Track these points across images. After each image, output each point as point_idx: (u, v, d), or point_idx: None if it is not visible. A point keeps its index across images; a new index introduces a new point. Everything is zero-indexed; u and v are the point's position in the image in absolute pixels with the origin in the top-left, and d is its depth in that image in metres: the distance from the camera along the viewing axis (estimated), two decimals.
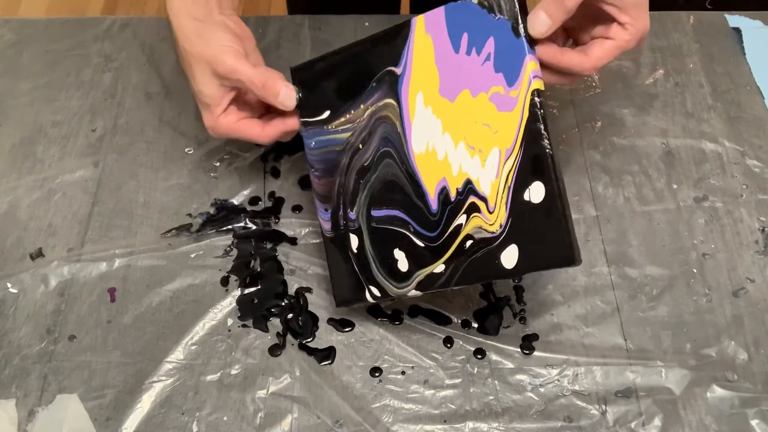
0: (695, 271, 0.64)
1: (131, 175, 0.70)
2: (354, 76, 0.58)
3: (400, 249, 0.55)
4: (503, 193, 0.51)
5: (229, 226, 0.66)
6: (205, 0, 0.58)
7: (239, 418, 0.57)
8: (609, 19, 0.53)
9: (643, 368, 0.59)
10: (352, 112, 0.58)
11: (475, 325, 0.61)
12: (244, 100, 0.60)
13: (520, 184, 0.50)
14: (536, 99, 0.50)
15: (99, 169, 0.71)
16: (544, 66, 0.52)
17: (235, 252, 0.65)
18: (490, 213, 0.51)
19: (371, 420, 0.56)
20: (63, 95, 0.76)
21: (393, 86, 0.56)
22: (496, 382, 0.58)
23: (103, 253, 0.65)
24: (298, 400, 0.57)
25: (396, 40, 0.56)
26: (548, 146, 0.50)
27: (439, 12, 0.54)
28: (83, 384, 0.58)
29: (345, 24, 0.82)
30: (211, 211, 0.68)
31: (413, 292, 0.55)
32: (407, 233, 0.55)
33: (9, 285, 0.63)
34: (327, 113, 0.59)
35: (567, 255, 0.49)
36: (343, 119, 0.58)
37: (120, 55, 0.80)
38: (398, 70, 0.56)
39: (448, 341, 0.60)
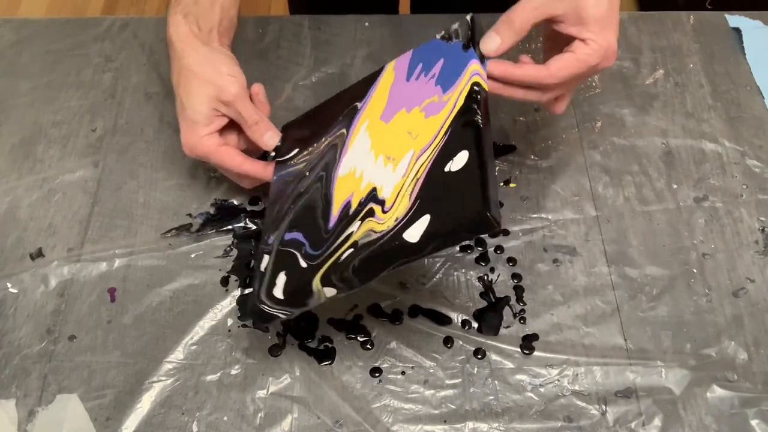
0: (695, 271, 0.64)
1: (131, 175, 0.70)
2: (328, 116, 0.62)
3: (284, 273, 0.54)
4: (409, 186, 0.50)
5: (229, 226, 0.66)
6: (209, 29, 0.61)
7: (239, 418, 0.57)
8: (573, 39, 0.54)
9: (643, 368, 0.59)
10: (315, 145, 0.61)
11: (475, 325, 0.61)
12: (225, 134, 0.62)
13: (444, 158, 0.50)
14: (474, 87, 0.51)
15: (99, 169, 0.71)
16: (502, 81, 0.54)
17: (235, 252, 0.65)
18: (384, 213, 0.50)
19: (371, 420, 0.56)
20: (63, 95, 0.76)
21: (351, 118, 0.60)
22: (496, 382, 0.58)
23: (103, 253, 0.65)
24: (298, 400, 0.57)
25: (369, 81, 0.61)
26: (479, 121, 0.50)
27: (408, 53, 0.60)
28: (83, 384, 0.58)
29: (345, 24, 0.82)
30: (211, 211, 0.68)
31: (282, 314, 0.54)
32: (298, 255, 0.54)
33: (9, 285, 0.63)
34: (296, 151, 0.62)
35: (481, 212, 0.46)
36: (305, 153, 0.61)
37: (120, 55, 0.80)
38: (360, 104, 0.60)
39: (448, 341, 0.60)
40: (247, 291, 0.63)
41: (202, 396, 0.58)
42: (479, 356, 0.59)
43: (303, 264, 0.53)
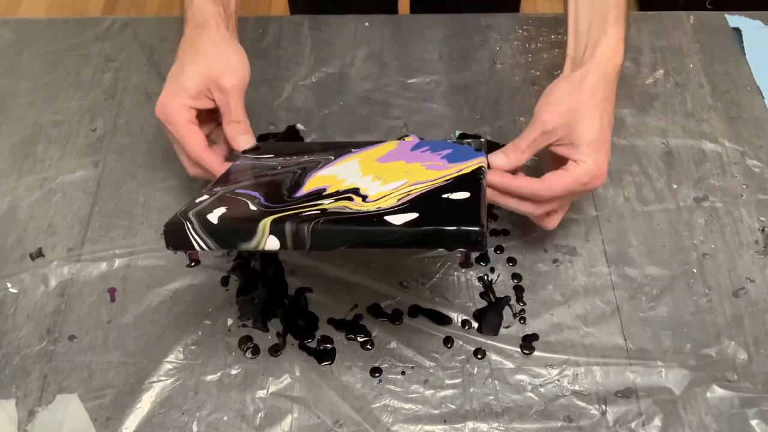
0: (695, 271, 0.64)
1: (131, 175, 0.70)
2: (314, 147, 0.63)
3: (226, 208, 0.50)
4: (400, 194, 0.50)
5: None
6: (230, 15, 0.62)
7: (239, 418, 0.57)
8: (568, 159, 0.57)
9: (643, 368, 0.59)
10: (293, 158, 0.60)
11: (475, 325, 0.61)
12: (202, 120, 0.61)
13: (443, 190, 0.51)
14: (482, 167, 0.55)
15: (99, 169, 0.71)
16: (500, 190, 0.57)
17: (235, 252, 0.65)
18: (364, 202, 0.50)
19: (371, 420, 0.56)
20: (63, 95, 0.76)
21: (341, 154, 0.60)
22: (496, 382, 0.58)
23: (103, 253, 0.65)
24: (298, 400, 0.57)
25: (367, 144, 0.62)
26: (482, 181, 0.53)
27: (413, 140, 0.62)
28: (83, 384, 0.58)
29: (345, 24, 0.82)
30: None
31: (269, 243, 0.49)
32: (248, 202, 0.51)
33: (9, 285, 0.63)
34: (271, 155, 0.61)
35: (478, 225, 0.46)
36: (281, 158, 0.60)
37: (120, 55, 0.80)
38: (354, 150, 0.60)
39: (448, 341, 0.60)
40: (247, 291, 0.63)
41: (202, 396, 0.58)
42: (479, 356, 0.59)
43: (252, 207, 0.50)
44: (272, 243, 0.48)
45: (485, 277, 0.63)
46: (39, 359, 0.59)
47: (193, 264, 0.53)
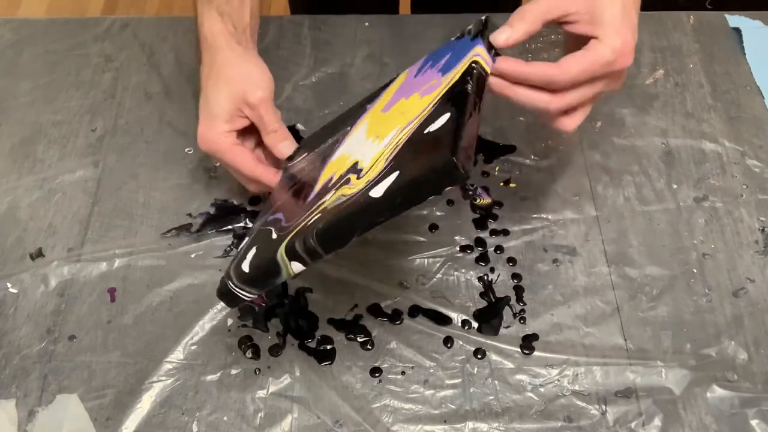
0: (695, 271, 0.64)
1: (131, 175, 0.70)
2: (339, 123, 0.62)
3: (256, 247, 0.52)
4: (388, 152, 0.48)
5: (229, 226, 0.66)
6: (243, 29, 0.61)
7: (239, 418, 0.57)
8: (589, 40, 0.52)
9: (643, 368, 0.59)
10: (321, 147, 0.60)
11: (475, 325, 0.61)
12: (243, 137, 0.62)
13: (427, 122, 0.48)
14: (473, 64, 0.49)
15: (99, 169, 0.71)
16: (511, 79, 0.51)
17: (235, 252, 0.65)
18: (359, 179, 0.48)
19: (371, 420, 0.56)
20: (63, 95, 0.76)
21: (356, 117, 0.59)
22: (496, 382, 0.58)
23: (103, 253, 0.65)
24: (298, 400, 0.57)
25: (383, 87, 0.61)
26: (469, 89, 0.48)
27: (422, 58, 0.60)
28: (83, 384, 0.58)
29: (345, 24, 0.82)
30: (211, 211, 0.68)
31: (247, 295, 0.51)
32: (272, 229, 0.52)
33: (9, 285, 0.63)
34: (304, 155, 0.62)
35: (446, 157, 0.43)
36: (311, 153, 0.61)
37: (120, 55, 0.80)
38: (369, 106, 0.60)
39: (448, 341, 0.60)
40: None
41: (202, 396, 0.58)
42: (479, 356, 0.59)
43: (274, 236, 0.51)
44: (297, 267, 0.49)
45: (485, 277, 0.63)
46: (39, 359, 0.59)
47: (263, 305, 0.57)
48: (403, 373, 0.59)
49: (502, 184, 0.69)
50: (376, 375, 0.58)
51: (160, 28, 0.82)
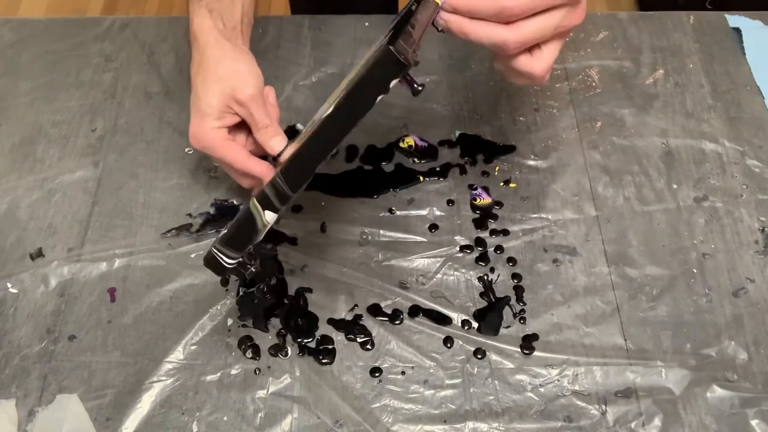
0: (695, 271, 0.64)
1: (131, 175, 0.70)
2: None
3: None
4: (339, 91, 0.50)
5: None
6: (233, 26, 0.62)
7: (239, 418, 0.57)
8: None
9: (643, 368, 0.59)
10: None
11: (475, 325, 0.61)
12: (234, 133, 0.62)
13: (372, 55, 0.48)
14: None
15: (99, 169, 0.71)
16: (467, 16, 0.49)
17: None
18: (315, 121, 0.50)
19: (371, 420, 0.56)
20: (63, 95, 0.76)
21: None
22: (496, 382, 0.58)
23: (103, 253, 0.65)
24: (298, 400, 0.57)
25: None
26: (413, 6, 0.48)
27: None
28: (83, 384, 0.58)
29: (345, 24, 0.82)
30: (211, 211, 0.68)
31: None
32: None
33: (9, 285, 0.63)
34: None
35: (384, 48, 0.43)
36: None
37: (120, 55, 0.80)
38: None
39: (448, 341, 0.60)
40: (247, 291, 0.63)
41: (202, 396, 0.58)
42: (479, 356, 0.59)
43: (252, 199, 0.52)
44: (270, 216, 0.50)
45: (485, 277, 0.63)
46: (39, 359, 0.59)
47: (253, 269, 0.55)
48: (403, 373, 0.59)
49: (502, 184, 0.69)
50: (376, 375, 0.58)
51: (160, 28, 0.82)
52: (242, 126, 0.62)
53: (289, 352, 0.60)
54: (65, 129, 0.73)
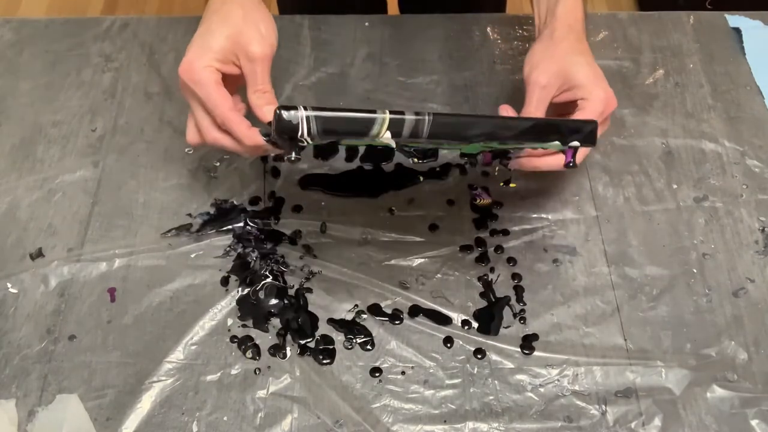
0: (695, 271, 0.64)
1: (131, 175, 0.70)
2: None
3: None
4: None
5: (229, 226, 0.66)
6: None
7: (239, 418, 0.57)
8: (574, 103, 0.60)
9: (643, 368, 0.59)
10: None
11: (475, 325, 0.61)
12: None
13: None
14: None
15: (99, 169, 0.71)
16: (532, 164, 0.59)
17: (235, 252, 0.65)
18: None
19: (371, 420, 0.56)
20: (63, 95, 0.76)
21: None
22: (496, 382, 0.58)
23: (103, 253, 0.65)
24: (298, 400, 0.57)
25: None
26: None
27: None
28: (83, 384, 0.58)
29: (345, 24, 0.82)
30: (211, 211, 0.68)
31: None
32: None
33: (9, 285, 0.63)
34: None
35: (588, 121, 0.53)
36: None
37: (120, 55, 0.80)
38: None
39: (448, 341, 0.60)
40: (247, 291, 0.62)
41: (202, 396, 0.58)
42: (479, 356, 0.59)
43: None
44: (387, 137, 0.49)
45: (485, 277, 0.63)
46: (39, 359, 0.59)
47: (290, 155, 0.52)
48: (403, 373, 0.59)
49: (502, 184, 0.69)
50: (376, 375, 0.58)
51: (160, 28, 0.82)
52: (230, 86, 0.58)
53: (289, 352, 0.60)
54: (65, 129, 0.73)
